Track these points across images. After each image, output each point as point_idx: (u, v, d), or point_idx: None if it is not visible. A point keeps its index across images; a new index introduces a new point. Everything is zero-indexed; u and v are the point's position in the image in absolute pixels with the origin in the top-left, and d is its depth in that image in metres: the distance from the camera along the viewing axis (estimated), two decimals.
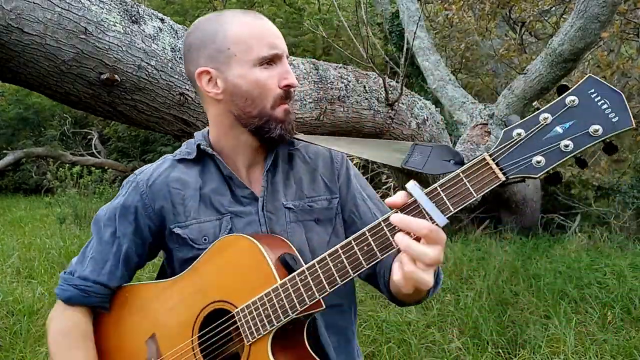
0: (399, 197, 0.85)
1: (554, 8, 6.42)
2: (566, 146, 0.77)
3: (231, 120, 1.03)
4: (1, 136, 13.59)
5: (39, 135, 13.83)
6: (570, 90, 0.78)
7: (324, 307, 0.94)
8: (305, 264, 0.93)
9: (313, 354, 0.97)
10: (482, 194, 0.82)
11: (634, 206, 5.90)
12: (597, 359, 2.94)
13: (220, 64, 1.00)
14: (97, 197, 7.67)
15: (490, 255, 5.19)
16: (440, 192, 0.83)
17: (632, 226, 5.89)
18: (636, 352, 2.93)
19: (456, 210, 0.83)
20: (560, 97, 0.78)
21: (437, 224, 0.81)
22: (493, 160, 0.81)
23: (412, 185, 0.85)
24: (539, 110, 0.80)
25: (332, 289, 0.90)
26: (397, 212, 0.85)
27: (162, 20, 2.03)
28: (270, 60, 1.00)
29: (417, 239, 0.82)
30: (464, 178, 0.82)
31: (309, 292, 0.91)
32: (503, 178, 0.80)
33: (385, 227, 0.86)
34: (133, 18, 1.86)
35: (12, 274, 4.76)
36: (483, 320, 3.35)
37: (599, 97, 0.77)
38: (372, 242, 0.87)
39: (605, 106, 0.76)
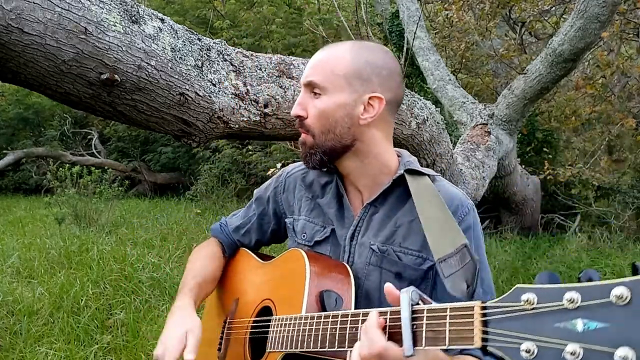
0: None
1: (554, 8, 6.41)
2: (572, 354, 0.53)
3: None
4: (1, 136, 13.59)
5: (39, 135, 13.83)
6: (628, 280, 0.51)
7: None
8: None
9: None
10: (452, 347, 0.66)
11: (634, 206, 5.90)
12: None
13: None
14: (97, 197, 7.65)
15: (490, 255, 5.19)
16: (425, 318, 0.69)
17: (632, 226, 5.89)
18: None
19: (424, 348, 0.69)
20: (609, 282, 0.52)
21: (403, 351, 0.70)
22: (483, 315, 0.62)
23: (405, 294, 0.72)
24: (572, 286, 0.56)
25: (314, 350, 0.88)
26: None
27: (162, 20, 2.02)
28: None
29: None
30: (447, 317, 0.67)
31: (310, 340, 0.89)
32: (478, 345, 0.62)
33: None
34: (133, 18, 1.86)
35: (12, 274, 4.75)
36: None
37: None
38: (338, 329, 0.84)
39: None
